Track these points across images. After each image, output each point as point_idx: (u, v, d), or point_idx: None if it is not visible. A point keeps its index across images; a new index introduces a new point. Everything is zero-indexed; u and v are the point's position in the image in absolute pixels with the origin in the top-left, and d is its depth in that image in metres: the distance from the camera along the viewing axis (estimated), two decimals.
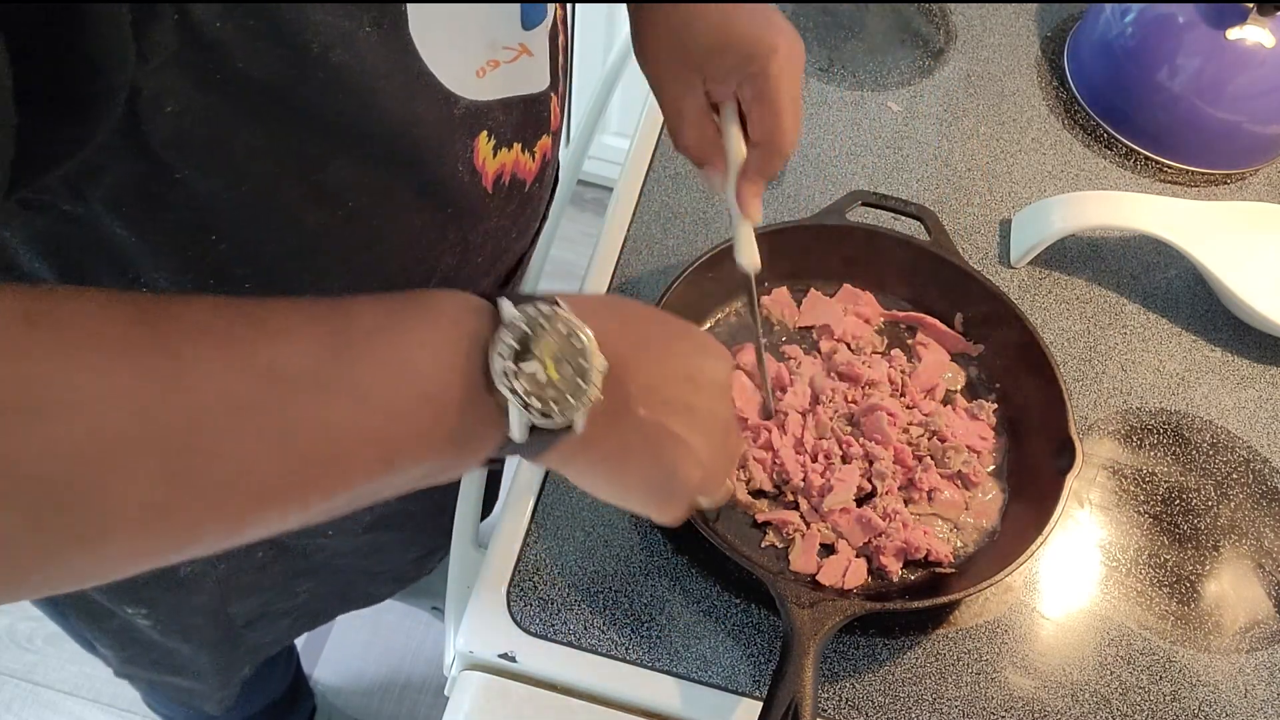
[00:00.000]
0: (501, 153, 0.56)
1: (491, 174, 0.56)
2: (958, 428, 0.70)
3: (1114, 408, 0.76)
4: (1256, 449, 0.75)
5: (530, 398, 0.39)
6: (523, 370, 0.39)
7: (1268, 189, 0.92)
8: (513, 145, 0.57)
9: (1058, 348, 0.78)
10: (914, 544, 0.65)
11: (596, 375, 0.41)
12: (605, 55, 1.73)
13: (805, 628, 0.57)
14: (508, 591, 0.65)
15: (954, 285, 0.76)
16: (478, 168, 0.55)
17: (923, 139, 0.92)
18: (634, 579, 0.65)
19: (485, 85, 0.52)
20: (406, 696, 1.52)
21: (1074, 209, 0.82)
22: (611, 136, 1.85)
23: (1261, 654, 0.66)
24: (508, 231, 0.63)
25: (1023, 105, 0.95)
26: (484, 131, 0.53)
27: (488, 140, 0.54)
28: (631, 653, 0.63)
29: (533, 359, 0.39)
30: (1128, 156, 0.93)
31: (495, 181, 0.57)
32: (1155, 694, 0.64)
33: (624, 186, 0.85)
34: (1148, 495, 0.72)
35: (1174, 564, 0.69)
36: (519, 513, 0.68)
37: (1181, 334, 0.81)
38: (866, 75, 0.96)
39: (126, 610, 0.79)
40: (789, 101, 0.58)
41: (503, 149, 0.56)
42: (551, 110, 0.62)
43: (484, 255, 0.62)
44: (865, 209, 0.79)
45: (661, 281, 0.78)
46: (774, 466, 0.68)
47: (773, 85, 0.57)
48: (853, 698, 0.62)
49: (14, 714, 1.47)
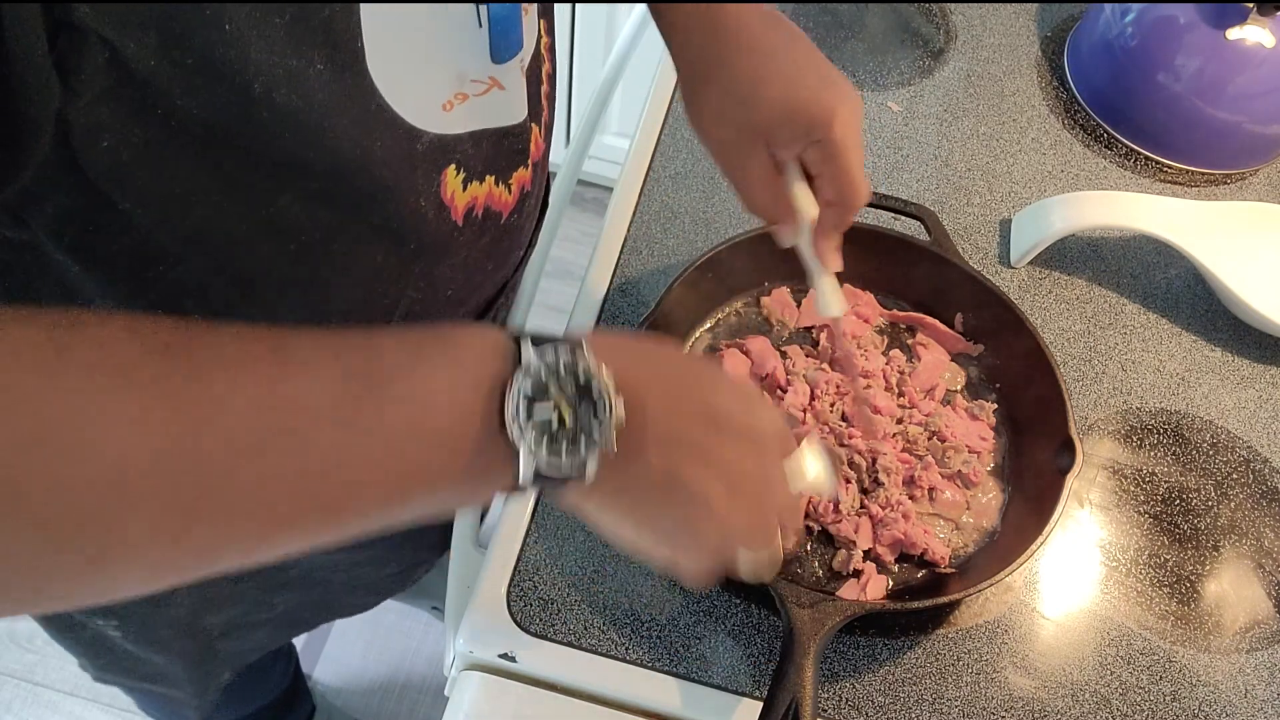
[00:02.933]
0: (473, 186, 0.55)
1: (461, 207, 0.55)
2: (958, 428, 0.70)
3: (1114, 408, 0.76)
4: (1256, 449, 0.75)
5: (540, 445, 0.39)
6: (535, 417, 0.39)
7: (1268, 189, 0.92)
8: (485, 178, 0.55)
9: (1058, 348, 0.78)
10: (912, 538, 0.65)
11: (610, 426, 0.40)
12: (605, 55, 1.73)
13: (805, 628, 0.57)
14: (508, 591, 0.64)
15: (954, 285, 0.76)
16: (445, 201, 0.53)
17: (923, 139, 0.91)
18: (634, 579, 0.65)
19: (452, 118, 0.50)
20: (406, 696, 1.52)
21: (1074, 209, 0.82)
22: (611, 136, 1.85)
23: (1261, 654, 0.66)
24: (481, 265, 0.61)
25: (1023, 105, 0.95)
26: (452, 165, 0.52)
27: (456, 174, 0.53)
28: (631, 653, 0.63)
29: (549, 402, 0.39)
30: (1128, 156, 0.93)
31: (466, 215, 0.55)
32: (1155, 694, 0.64)
33: (624, 186, 0.85)
34: (1148, 495, 0.72)
35: (1174, 564, 0.69)
36: (519, 513, 0.68)
37: (1181, 334, 0.81)
38: (866, 75, 0.96)
39: (98, 621, 0.79)
40: (856, 161, 0.58)
41: (474, 182, 0.55)
42: (531, 142, 0.59)
43: (454, 289, 0.60)
44: (865, 209, 0.78)
45: (661, 281, 0.78)
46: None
47: (839, 147, 0.57)
48: (853, 698, 0.62)
49: (14, 714, 1.47)
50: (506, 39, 0.51)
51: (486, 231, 0.59)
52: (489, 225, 0.58)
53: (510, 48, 0.51)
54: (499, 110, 0.54)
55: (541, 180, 0.66)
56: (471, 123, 0.52)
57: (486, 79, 0.51)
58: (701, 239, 0.82)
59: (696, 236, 0.82)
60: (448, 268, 0.57)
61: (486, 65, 0.50)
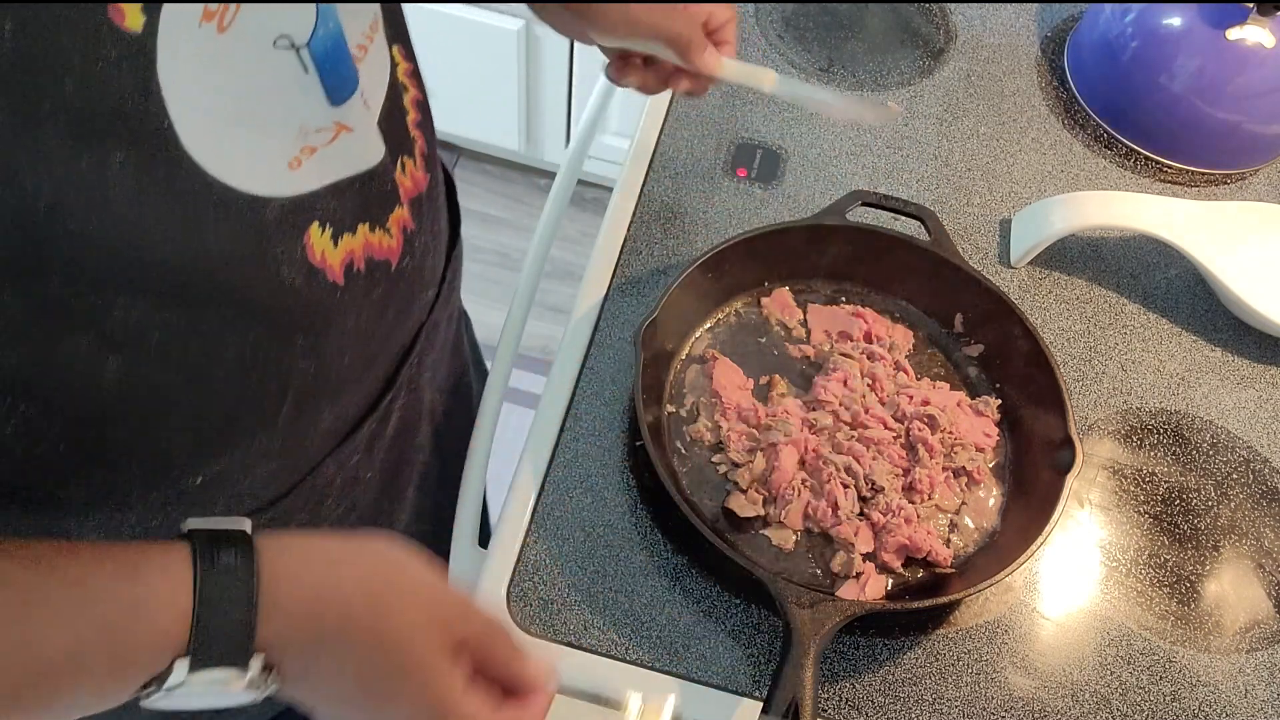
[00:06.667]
0: (345, 239, 0.50)
1: (338, 265, 0.50)
2: (963, 424, 0.70)
3: (1114, 408, 0.76)
4: (1256, 449, 0.75)
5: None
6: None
7: (1268, 189, 0.92)
8: (357, 228, 0.51)
9: (1058, 348, 0.78)
10: (916, 542, 0.65)
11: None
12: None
13: (805, 628, 0.57)
14: (508, 591, 0.65)
15: (954, 285, 0.76)
16: (315, 264, 0.48)
17: (923, 139, 0.92)
18: (634, 579, 0.65)
19: (303, 175, 0.46)
20: None
21: (1074, 209, 0.82)
22: (611, 136, 1.85)
23: (1261, 654, 0.66)
24: (380, 316, 0.57)
25: (1023, 105, 0.95)
26: (314, 223, 0.47)
27: (321, 232, 0.48)
28: (631, 653, 0.63)
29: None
30: (1128, 156, 0.93)
31: (346, 272, 0.51)
32: (1155, 694, 0.64)
33: (624, 186, 0.85)
34: (1148, 495, 0.72)
35: (1174, 564, 0.69)
36: (519, 513, 0.68)
37: (1181, 334, 0.81)
38: (866, 75, 0.96)
39: None
40: None
41: (345, 234, 0.50)
42: (401, 179, 0.55)
43: (353, 347, 0.55)
44: (865, 209, 0.79)
45: (661, 281, 0.79)
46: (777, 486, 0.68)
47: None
48: (853, 698, 0.62)
49: None
50: (339, 76, 0.46)
51: (377, 283, 0.54)
52: (378, 276, 0.54)
53: (346, 85, 0.47)
54: (352, 155, 0.50)
55: (431, 211, 0.61)
56: (326, 175, 0.48)
57: (331, 124, 0.47)
58: (701, 239, 0.82)
59: (696, 236, 0.82)
60: (337, 335, 0.53)
61: (326, 110, 0.46)
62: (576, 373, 0.74)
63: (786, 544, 0.66)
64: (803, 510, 0.67)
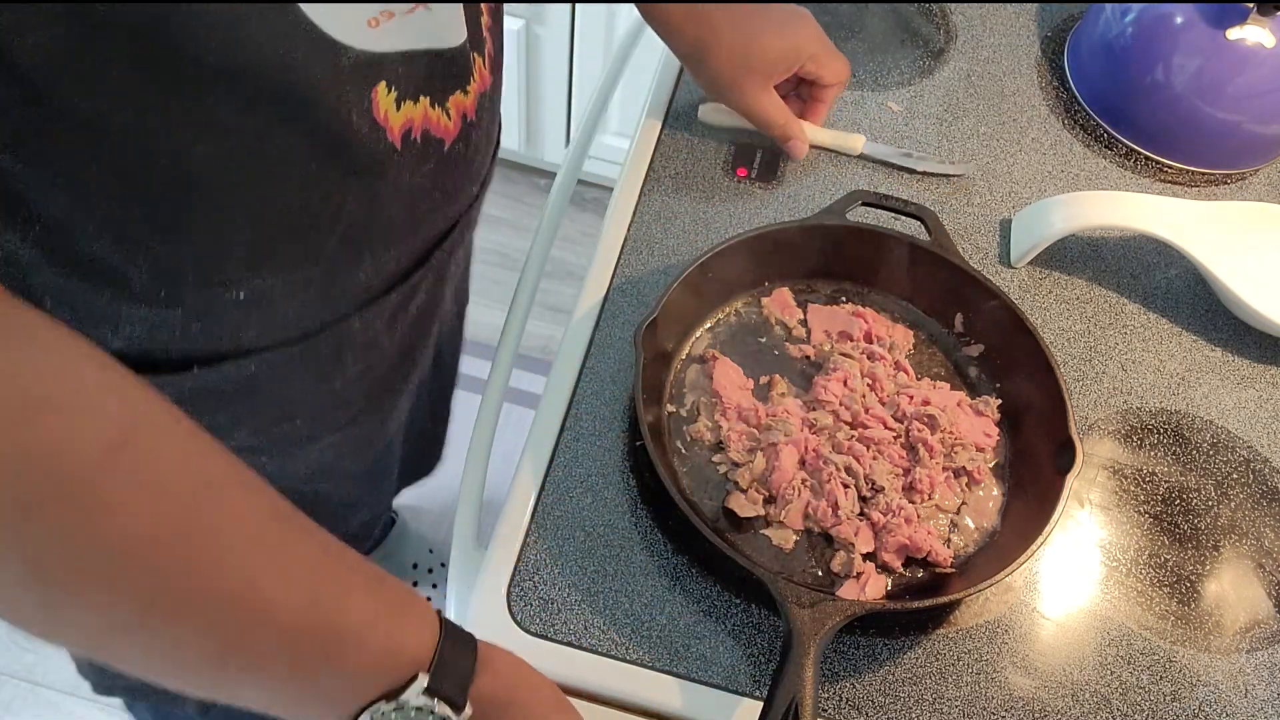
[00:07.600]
0: (407, 106, 0.55)
1: (398, 129, 0.55)
2: (963, 424, 0.70)
3: (1114, 408, 0.76)
4: (1256, 449, 0.75)
5: None
6: None
7: (1268, 189, 0.92)
8: (419, 99, 0.56)
9: (1058, 348, 0.78)
10: (916, 542, 0.65)
11: None
12: (605, 55, 1.73)
13: (805, 628, 0.57)
14: (508, 591, 0.65)
15: (954, 285, 0.76)
16: (379, 121, 0.53)
17: (923, 139, 0.92)
18: (634, 579, 0.65)
19: (379, 36, 0.50)
20: None
21: (1074, 209, 0.82)
22: (611, 136, 1.85)
23: (1261, 654, 0.66)
24: (428, 192, 0.62)
25: (1023, 105, 0.95)
26: (382, 82, 0.52)
27: (388, 91, 0.53)
28: (631, 653, 0.63)
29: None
30: (1128, 156, 0.93)
31: (404, 137, 0.56)
32: (1155, 694, 0.64)
33: (624, 186, 0.85)
34: (1148, 495, 0.72)
35: (1174, 564, 0.69)
36: (519, 513, 0.68)
37: (1181, 334, 0.81)
38: (866, 75, 0.96)
39: None
40: (835, 51, 0.85)
41: (407, 101, 0.55)
42: (473, 70, 0.60)
43: (400, 209, 0.60)
44: (865, 209, 0.79)
45: (661, 281, 0.79)
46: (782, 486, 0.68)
47: (825, 49, 0.83)
48: (853, 698, 0.62)
49: (14, 714, 1.47)
50: None
51: (429, 158, 0.59)
52: (431, 152, 0.59)
53: None
54: (431, 31, 0.54)
55: (491, 116, 0.66)
56: (401, 41, 0.52)
57: None
58: (701, 239, 0.82)
59: (696, 236, 0.82)
60: (390, 187, 0.58)
61: None
62: (576, 373, 0.74)
63: (786, 544, 0.66)
64: (803, 510, 0.67)
